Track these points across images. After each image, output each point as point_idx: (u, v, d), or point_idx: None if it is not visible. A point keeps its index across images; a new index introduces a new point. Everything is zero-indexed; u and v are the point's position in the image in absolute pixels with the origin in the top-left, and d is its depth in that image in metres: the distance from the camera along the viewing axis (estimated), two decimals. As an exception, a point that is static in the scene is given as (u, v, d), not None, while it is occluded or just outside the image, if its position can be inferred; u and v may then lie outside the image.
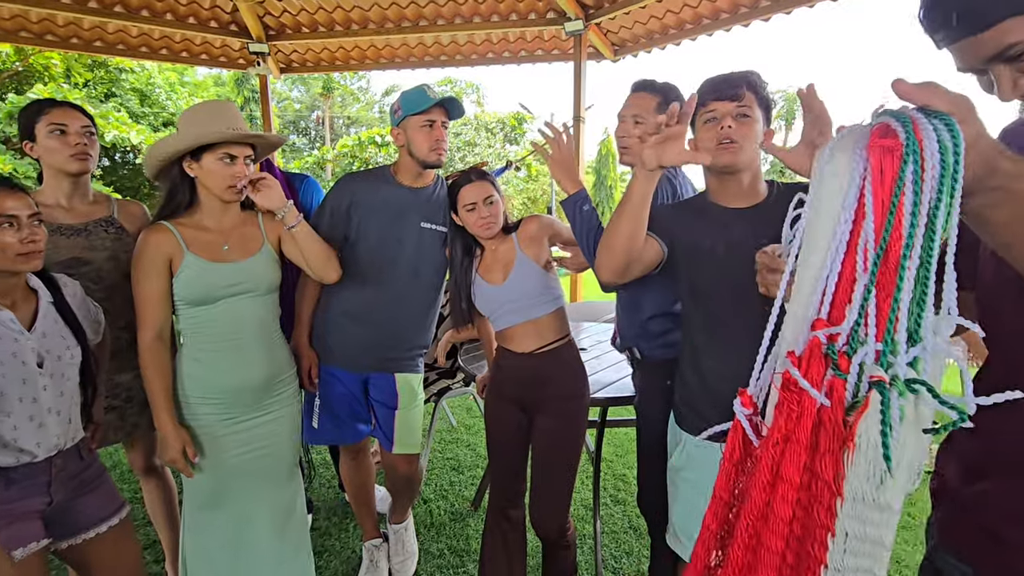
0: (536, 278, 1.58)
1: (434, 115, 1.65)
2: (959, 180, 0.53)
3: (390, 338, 1.77)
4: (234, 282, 1.43)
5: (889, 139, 0.56)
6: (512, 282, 1.58)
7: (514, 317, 1.60)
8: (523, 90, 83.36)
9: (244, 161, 1.41)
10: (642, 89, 1.56)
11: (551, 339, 1.60)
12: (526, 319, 1.59)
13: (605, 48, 4.58)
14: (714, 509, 0.68)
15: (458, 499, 2.51)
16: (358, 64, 5.26)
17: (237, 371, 1.45)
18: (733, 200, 1.26)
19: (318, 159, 15.27)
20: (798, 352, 0.60)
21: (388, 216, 1.72)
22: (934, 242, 0.55)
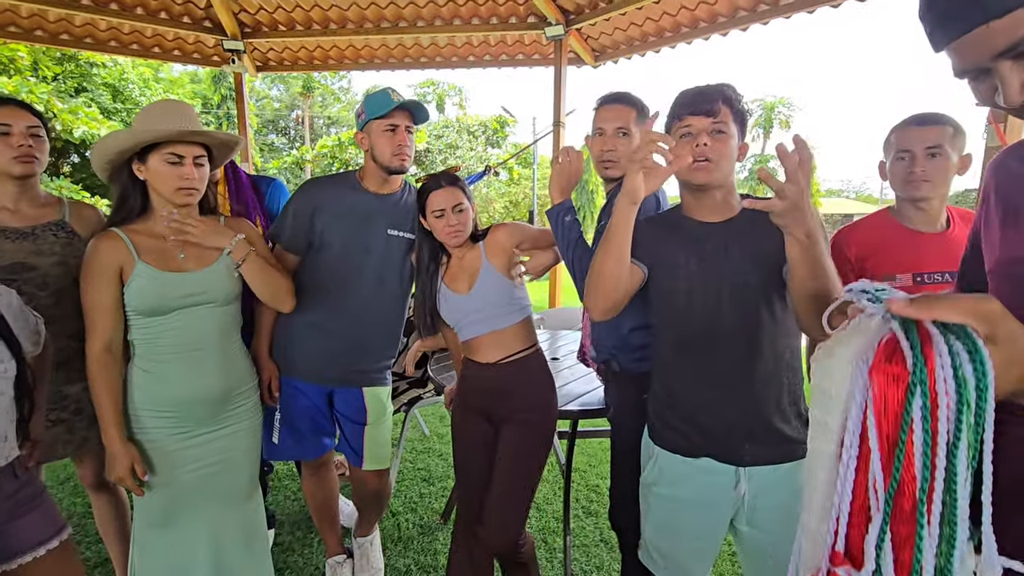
0: (502, 288, 1.54)
1: (397, 119, 1.60)
2: (986, 415, 0.45)
3: (356, 349, 1.71)
4: (189, 293, 1.36)
5: (896, 365, 0.47)
6: (478, 291, 1.54)
7: (479, 327, 1.56)
8: (505, 94, 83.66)
9: (194, 162, 1.34)
10: (618, 102, 1.53)
11: (517, 349, 1.57)
12: (491, 329, 1.55)
13: (586, 54, 4.58)
14: None
15: (427, 512, 2.45)
16: (337, 64, 5.18)
17: (190, 384, 1.38)
18: (707, 215, 1.25)
19: (297, 159, 15.07)
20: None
21: (354, 223, 1.66)
22: (956, 483, 0.46)
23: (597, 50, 4.64)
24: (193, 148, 1.34)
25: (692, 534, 1.26)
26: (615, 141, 1.51)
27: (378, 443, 1.78)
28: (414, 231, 1.69)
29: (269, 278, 1.47)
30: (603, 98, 1.57)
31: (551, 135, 4.45)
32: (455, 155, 14.99)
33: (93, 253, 1.32)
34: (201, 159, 1.37)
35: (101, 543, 2.07)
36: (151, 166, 1.32)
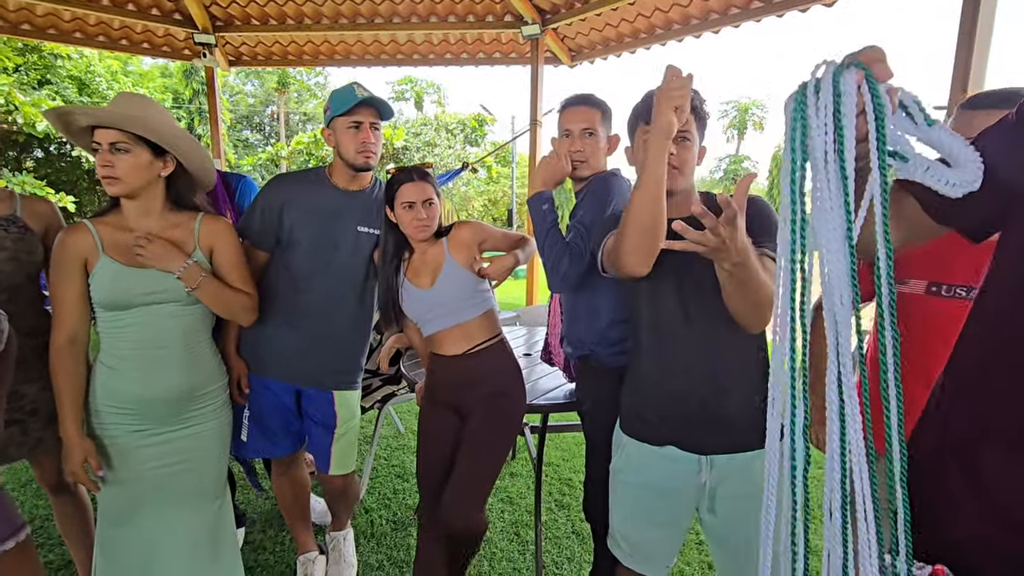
0: (465, 282, 1.56)
1: (360, 116, 1.59)
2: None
3: (325, 346, 1.70)
4: (150, 290, 1.34)
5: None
6: (440, 286, 1.55)
7: (442, 322, 1.57)
8: (484, 92, 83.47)
9: (110, 149, 1.28)
10: (583, 103, 1.56)
11: (481, 339, 1.59)
12: (455, 323, 1.57)
13: (562, 53, 4.61)
14: None
15: (401, 508, 2.45)
16: (312, 60, 5.12)
17: (151, 382, 1.36)
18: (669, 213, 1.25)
19: (272, 155, 14.82)
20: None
21: (323, 219, 1.65)
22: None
23: (574, 50, 4.67)
24: (107, 134, 1.29)
25: (656, 521, 1.29)
26: (582, 142, 1.54)
27: (345, 449, 1.77)
28: None
29: (223, 299, 1.43)
30: (568, 100, 1.60)
31: (528, 134, 4.48)
32: (433, 153, 14.91)
33: (59, 245, 1.30)
34: (121, 145, 1.29)
35: (63, 545, 2.03)
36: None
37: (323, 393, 1.72)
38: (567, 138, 1.55)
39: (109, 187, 1.31)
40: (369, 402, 2.48)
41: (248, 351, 1.69)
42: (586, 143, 1.53)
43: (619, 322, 1.52)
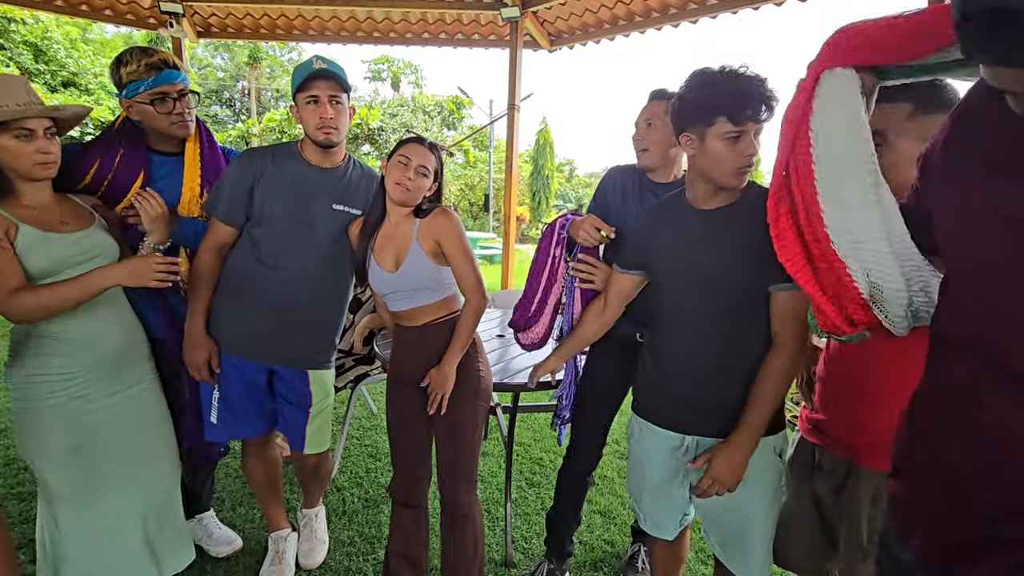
0: (428, 270, 1.55)
1: (317, 89, 1.54)
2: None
3: (298, 325, 1.68)
4: (73, 252, 1.35)
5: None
6: (404, 272, 1.54)
7: (405, 303, 1.58)
8: (463, 74, 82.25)
9: (45, 134, 1.31)
10: (658, 98, 1.61)
11: (444, 313, 1.60)
12: (418, 305, 1.58)
13: (542, 37, 4.59)
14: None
15: (373, 486, 2.47)
16: (285, 34, 4.98)
17: (91, 344, 1.39)
18: (703, 203, 1.29)
19: (243, 132, 14.39)
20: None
21: (296, 196, 1.63)
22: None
23: (553, 34, 4.65)
24: (43, 120, 1.30)
25: (652, 490, 1.40)
26: (642, 131, 1.62)
27: (320, 428, 1.77)
28: (363, 207, 1.67)
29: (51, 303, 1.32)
30: (650, 94, 1.65)
31: (506, 118, 4.46)
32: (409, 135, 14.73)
33: None
34: (50, 131, 1.33)
35: (22, 525, 2.00)
36: (2, 144, 1.27)
37: (297, 372, 1.71)
38: (638, 129, 1.63)
39: (48, 171, 1.33)
40: (342, 382, 2.48)
41: (218, 330, 1.66)
42: (649, 132, 1.61)
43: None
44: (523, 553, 2.08)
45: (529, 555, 2.07)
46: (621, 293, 1.47)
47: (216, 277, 1.65)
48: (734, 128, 1.13)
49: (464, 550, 1.61)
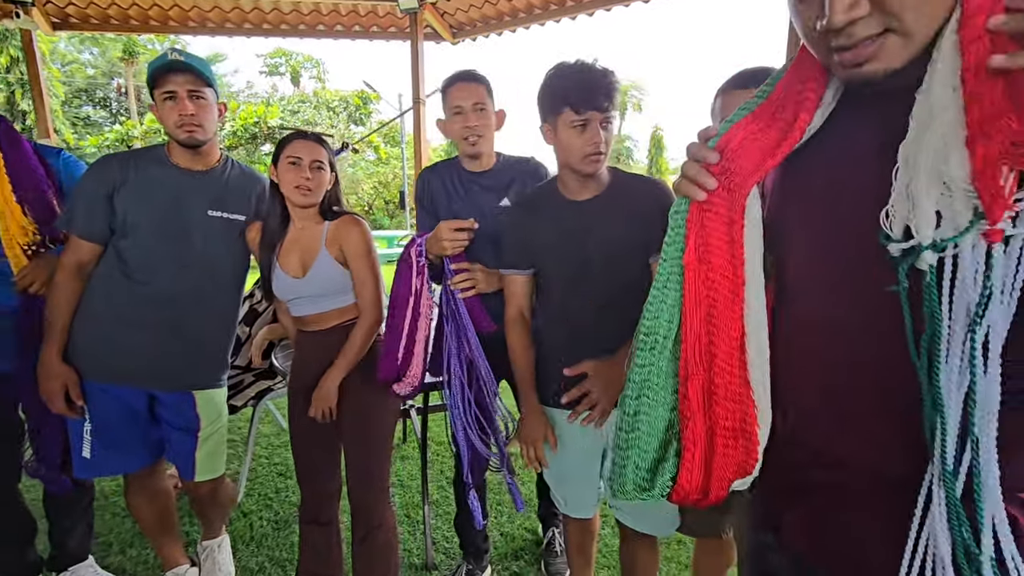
0: (337, 276, 1.49)
1: (173, 84, 1.43)
2: None
3: (180, 343, 1.54)
4: None
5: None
6: (312, 278, 1.48)
7: (311, 307, 1.51)
8: (370, 68, 79.76)
9: None
10: (471, 80, 1.56)
11: (351, 317, 1.54)
12: (325, 310, 1.52)
13: (443, 30, 4.52)
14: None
15: (284, 506, 2.35)
16: (160, 26, 4.53)
17: None
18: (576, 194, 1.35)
19: (122, 135, 13.05)
20: None
21: (164, 203, 1.49)
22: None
23: (455, 26, 4.59)
24: None
25: (574, 473, 1.45)
26: (476, 116, 1.55)
27: (212, 452, 1.64)
28: (245, 211, 1.55)
29: None
30: (452, 77, 1.58)
31: (412, 113, 4.35)
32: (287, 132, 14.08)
33: None
34: None
35: None
36: None
37: (181, 395, 1.57)
38: (459, 115, 1.54)
39: None
40: (242, 400, 2.32)
41: (84, 355, 1.49)
42: (480, 117, 1.54)
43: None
44: (444, 554, 2.07)
45: (451, 555, 2.06)
46: (524, 293, 1.47)
47: (76, 300, 1.47)
48: (578, 117, 1.20)
49: (377, 563, 1.55)
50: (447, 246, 1.47)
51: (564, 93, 1.22)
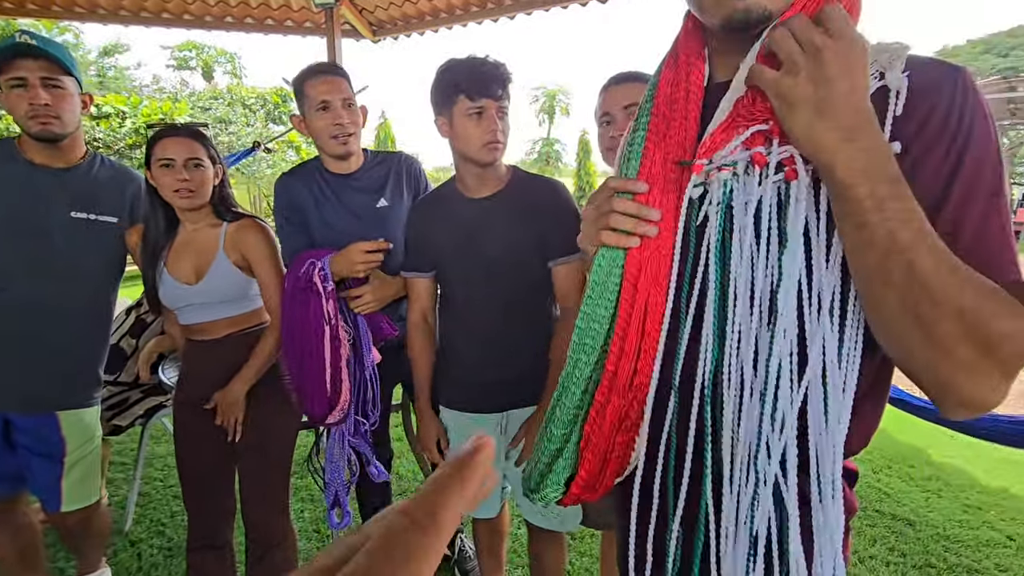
0: (236, 282, 1.40)
1: (24, 71, 1.29)
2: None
3: (36, 358, 1.38)
4: None
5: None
6: (207, 284, 1.37)
7: (203, 315, 1.40)
8: (291, 65, 76.45)
9: None
10: (334, 73, 1.46)
11: (248, 325, 1.45)
12: (220, 317, 1.41)
13: (363, 27, 4.39)
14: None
15: (178, 531, 2.18)
16: (40, 10, 4.10)
17: None
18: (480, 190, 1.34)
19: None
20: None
21: (16, 203, 1.33)
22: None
23: (375, 24, 4.47)
24: None
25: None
26: (348, 113, 1.46)
27: (81, 479, 1.49)
28: (118, 213, 1.40)
29: None
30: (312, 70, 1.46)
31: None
32: (228, 131, 13.15)
33: None
34: None
35: None
36: None
37: (41, 417, 1.40)
38: (326, 112, 1.43)
39: None
40: (128, 419, 2.11)
41: None
42: (351, 114, 1.46)
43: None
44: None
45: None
46: (427, 296, 1.44)
47: None
48: (473, 104, 1.21)
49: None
50: (361, 269, 1.40)
51: (457, 82, 1.22)
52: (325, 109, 1.41)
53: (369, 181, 1.54)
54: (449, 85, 1.24)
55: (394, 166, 1.58)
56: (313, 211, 1.49)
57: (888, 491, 2.64)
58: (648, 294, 0.68)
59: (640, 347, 0.69)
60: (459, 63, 1.24)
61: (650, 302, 0.69)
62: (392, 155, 1.61)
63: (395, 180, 1.55)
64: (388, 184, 1.54)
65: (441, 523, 0.22)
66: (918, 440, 3.25)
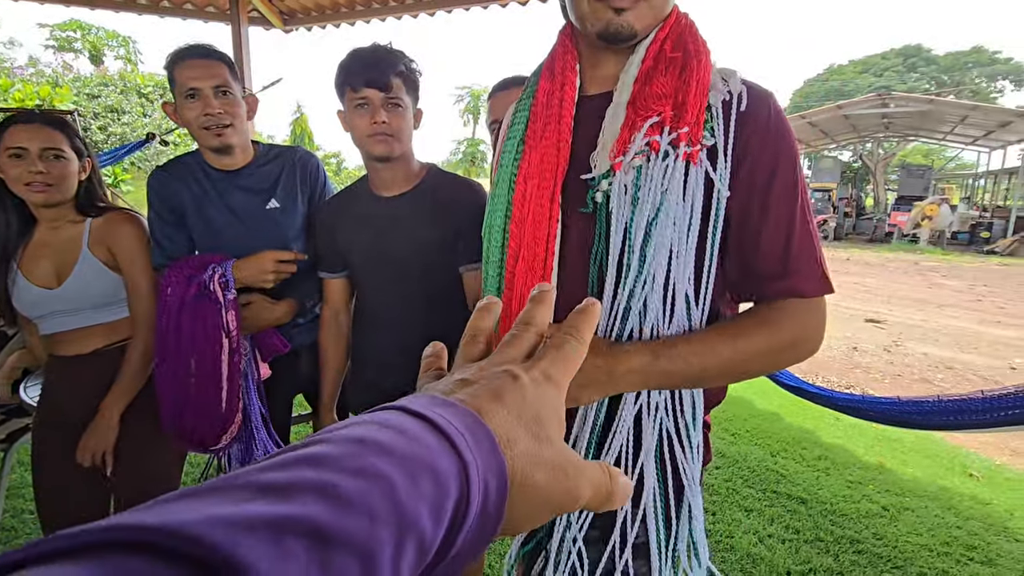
0: (105, 284, 1.26)
1: None
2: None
3: None
4: None
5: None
6: (70, 288, 1.23)
7: (72, 322, 1.26)
8: (197, 53, 70.67)
9: None
10: (206, 56, 1.33)
11: (123, 337, 1.31)
12: (89, 324, 1.27)
13: (273, 16, 4.16)
14: None
15: None
16: None
17: None
18: (386, 188, 1.29)
19: None
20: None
21: None
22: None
23: (286, 13, 4.25)
24: None
25: None
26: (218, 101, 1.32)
27: None
28: None
29: None
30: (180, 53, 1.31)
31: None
32: (121, 121, 11.97)
33: None
34: None
35: None
36: None
37: None
38: (194, 100, 1.28)
39: None
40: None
41: None
42: (225, 103, 1.31)
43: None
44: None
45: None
46: (340, 297, 1.39)
47: None
48: (356, 95, 1.19)
49: None
50: (272, 279, 1.31)
51: (345, 74, 1.20)
52: (193, 97, 1.27)
53: (258, 180, 1.40)
54: (338, 79, 1.21)
55: (287, 164, 1.44)
56: (193, 210, 1.34)
57: (784, 472, 2.88)
58: (525, 279, 0.80)
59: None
60: (350, 53, 1.21)
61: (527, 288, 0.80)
62: (287, 150, 1.48)
63: (288, 179, 1.43)
64: (280, 184, 1.41)
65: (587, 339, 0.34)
66: (809, 423, 3.56)
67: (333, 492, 0.19)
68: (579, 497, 0.30)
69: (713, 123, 0.73)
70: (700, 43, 0.76)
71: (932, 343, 5.85)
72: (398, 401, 0.27)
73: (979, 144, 20.26)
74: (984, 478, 2.97)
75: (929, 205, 17.13)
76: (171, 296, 1.21)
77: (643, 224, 0.72)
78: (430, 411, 0.26)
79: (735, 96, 0.73)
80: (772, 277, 0.74)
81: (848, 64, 39.83)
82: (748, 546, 2.21)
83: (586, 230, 0.79)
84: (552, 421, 0.30)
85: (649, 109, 0.73)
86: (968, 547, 2.28)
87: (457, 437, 0.25)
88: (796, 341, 0.74)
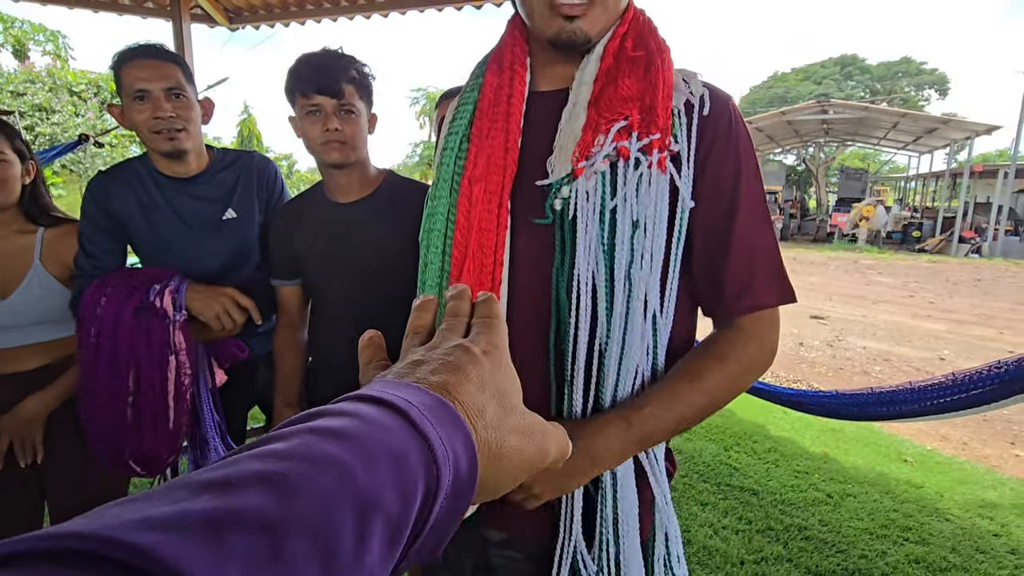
0: (57, 299, 1.19)
1: None
2: None
3: None
4: None
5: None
6: (17, 302, 1.16)
7: (13, 339, 1.19)
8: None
9: None
10: (155, 56, 1.26)
11: (64, 353, 1.24)
12: (34, 341, 1.20)
13: (217, 13, 4.01)
14: None
15: None
16: None
17: None
18: (342, 195, 1.26)
19: None
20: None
21: None
22: None
23: (231, 10, 4.11)
24: None
25: None
26: (169, 104, 1.25)
27: None
28: None
29: None
30: (128, 52, 1.24)
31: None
32: (50, 121, 11.25)
33: None
34: None
35: None
36: None
37: None
38: (143, 102, 1.21)
39: None
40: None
41: None
42: (178, 105, 1.25)
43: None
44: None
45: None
46: (294, 305, 1.36)
47: None
48: (307, 102, 1.16)
49: None
50: (227, 324, 1.24)
51: (295, 80, 1.16)
52: (142, 99, 1.20)
53: (213, 188, 1.34)
54: (289, 81, 1.17)
55: (244, 170, 1.38)
56: (139, 220, 1.27)
57: (736, 466, 2.98)
58: (472, 283, 0.75)
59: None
60: (300, 58, 1.17)
61: (476, 286, 0.74)
62: (244, 156, 1.42)
63: (245, 187, 1.37)
64: (236, 192, 1.35)
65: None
66: (759, 418, 3.71)
67: (279, 481, 0.19)
68: (548, 454, 0.34)
69: (677, 128, 0.70)
70: (661, 41, 0.73)
71: (871, 337, 6.19)
72: (355, 392, 0.28)
73: (909, 148, 21.66)
74: (917, 463, 3.16)
75: (866, 207, 18.19)
76: (105, 309, 1.12)
77: (625, 241, 0.67)
78: (385, 393, 0.26)
79: (697, 99, 0.71)
80: (738, 295, 0.72)
81: (791, 72, 41.74)
82: (704, 539, 2.28)
83: (538, 242, 0.73)
84: (513, 389, 0.33)
85: (615, 111, 0.69)
86: (904, 528, 2.42)
87: (414, 413, 0.25)
88: (756, 363, 0.74)
